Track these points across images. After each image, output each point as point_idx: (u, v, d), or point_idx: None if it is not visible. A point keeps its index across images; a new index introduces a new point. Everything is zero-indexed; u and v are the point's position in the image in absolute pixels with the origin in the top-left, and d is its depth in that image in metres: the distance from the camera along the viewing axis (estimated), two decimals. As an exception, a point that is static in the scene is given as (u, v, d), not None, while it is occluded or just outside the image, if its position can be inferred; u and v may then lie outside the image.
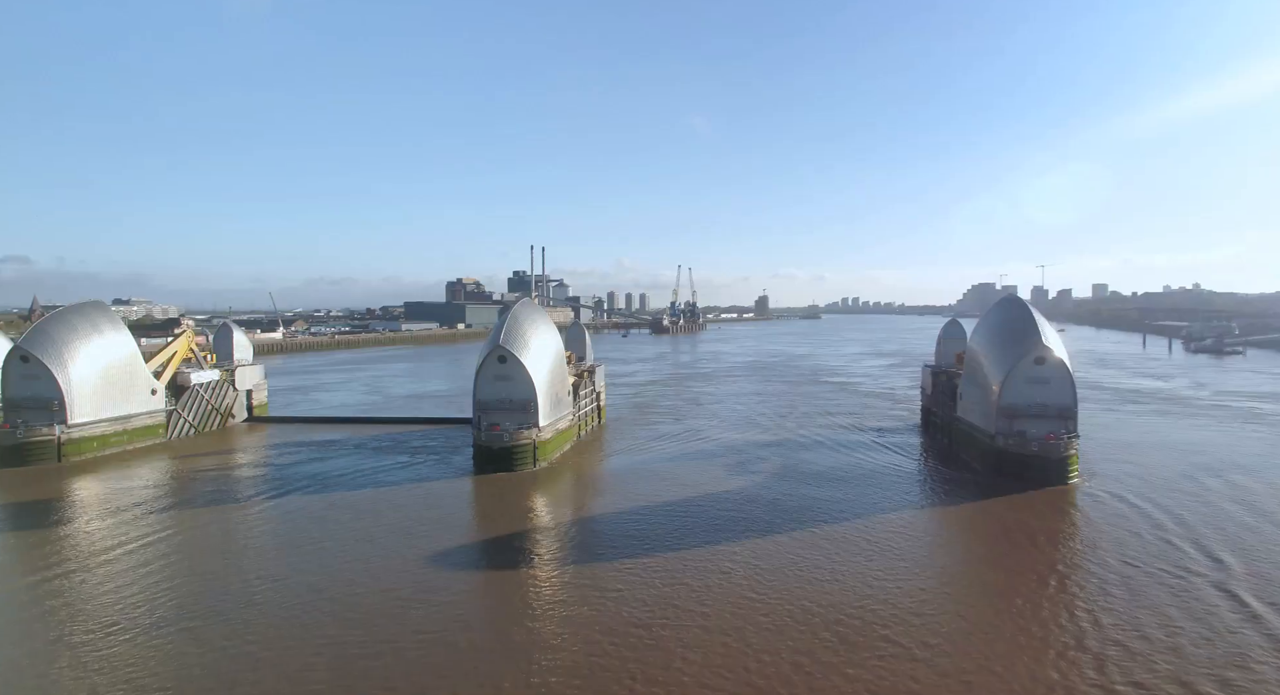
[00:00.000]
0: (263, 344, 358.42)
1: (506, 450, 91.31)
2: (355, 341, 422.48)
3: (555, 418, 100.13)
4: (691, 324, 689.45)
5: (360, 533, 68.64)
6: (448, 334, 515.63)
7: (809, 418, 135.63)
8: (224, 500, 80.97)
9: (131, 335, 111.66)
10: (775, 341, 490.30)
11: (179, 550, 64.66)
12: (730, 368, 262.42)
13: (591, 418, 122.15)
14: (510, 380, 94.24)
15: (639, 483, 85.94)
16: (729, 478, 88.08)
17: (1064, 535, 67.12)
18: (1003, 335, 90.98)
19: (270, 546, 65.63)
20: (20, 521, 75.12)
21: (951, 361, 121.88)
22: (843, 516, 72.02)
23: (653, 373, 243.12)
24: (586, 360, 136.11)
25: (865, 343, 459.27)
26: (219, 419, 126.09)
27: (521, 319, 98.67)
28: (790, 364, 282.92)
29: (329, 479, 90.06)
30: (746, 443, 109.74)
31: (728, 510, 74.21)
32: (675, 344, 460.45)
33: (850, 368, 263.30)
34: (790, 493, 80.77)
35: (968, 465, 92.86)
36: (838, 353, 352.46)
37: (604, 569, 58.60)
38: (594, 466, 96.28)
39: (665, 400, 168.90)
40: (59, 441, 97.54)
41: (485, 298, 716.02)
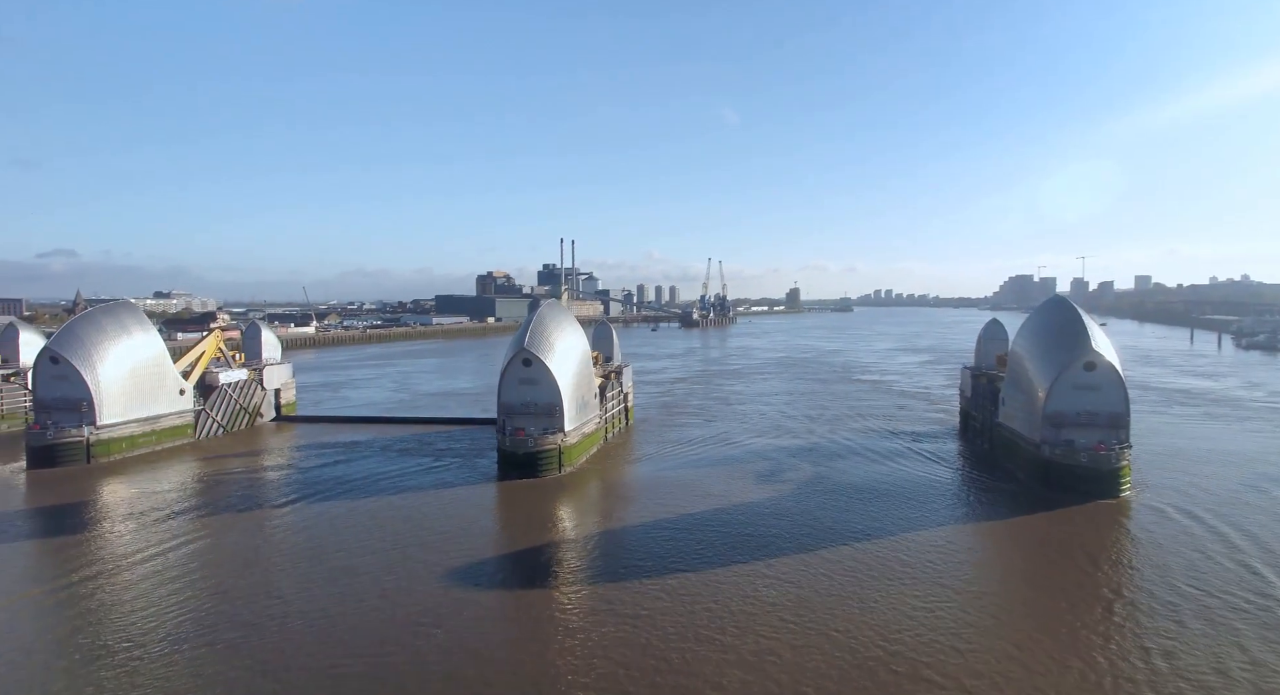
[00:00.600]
0: (296, 338, 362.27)
1: (531, 456, 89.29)
2: (386, 335, 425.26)
3: (581, 421, 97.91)
4: (721, 317, 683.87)
5: (380, 544, 67.08)
6: (477, 328, 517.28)
7: (841, 420, 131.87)
8: (247, 505, 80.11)
9: (160, 335, 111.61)
10: (806, 336, 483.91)
11: (200, 560, 63.63)
12: (760, 364, 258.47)
13: (619, 419, 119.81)
14: (535, 384, 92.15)
15: (666, 493, 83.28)
16: (758, 489, 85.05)
17: (1122, 555, 63.16)
18: (1049, 338, 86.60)
19: (289, 559, 64.21)
20: (49, 525, 74.85)
21: (992, 363, 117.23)
22: (877, 533, 68.69)
23: (681, 369, 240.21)
24: (614, 360, 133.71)
25: (898, 337, 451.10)
26: (247, 418, 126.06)
27: (546, 321, 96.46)
28: (821, 360, 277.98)
29: (353, 483, 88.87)
30: (776, 449, 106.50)
31: (756, 526, 71.22)
32: (705, 338, 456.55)
33: (883, 365, 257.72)
34: (822, 507, 77.36)
35: (1011, 475, 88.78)
36: (870, 348, 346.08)
37: (627, 590, 56.16)
38: (620, 474, 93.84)
39: (694, 399, 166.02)
40: (88, 442, 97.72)
41: (515, 291, 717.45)
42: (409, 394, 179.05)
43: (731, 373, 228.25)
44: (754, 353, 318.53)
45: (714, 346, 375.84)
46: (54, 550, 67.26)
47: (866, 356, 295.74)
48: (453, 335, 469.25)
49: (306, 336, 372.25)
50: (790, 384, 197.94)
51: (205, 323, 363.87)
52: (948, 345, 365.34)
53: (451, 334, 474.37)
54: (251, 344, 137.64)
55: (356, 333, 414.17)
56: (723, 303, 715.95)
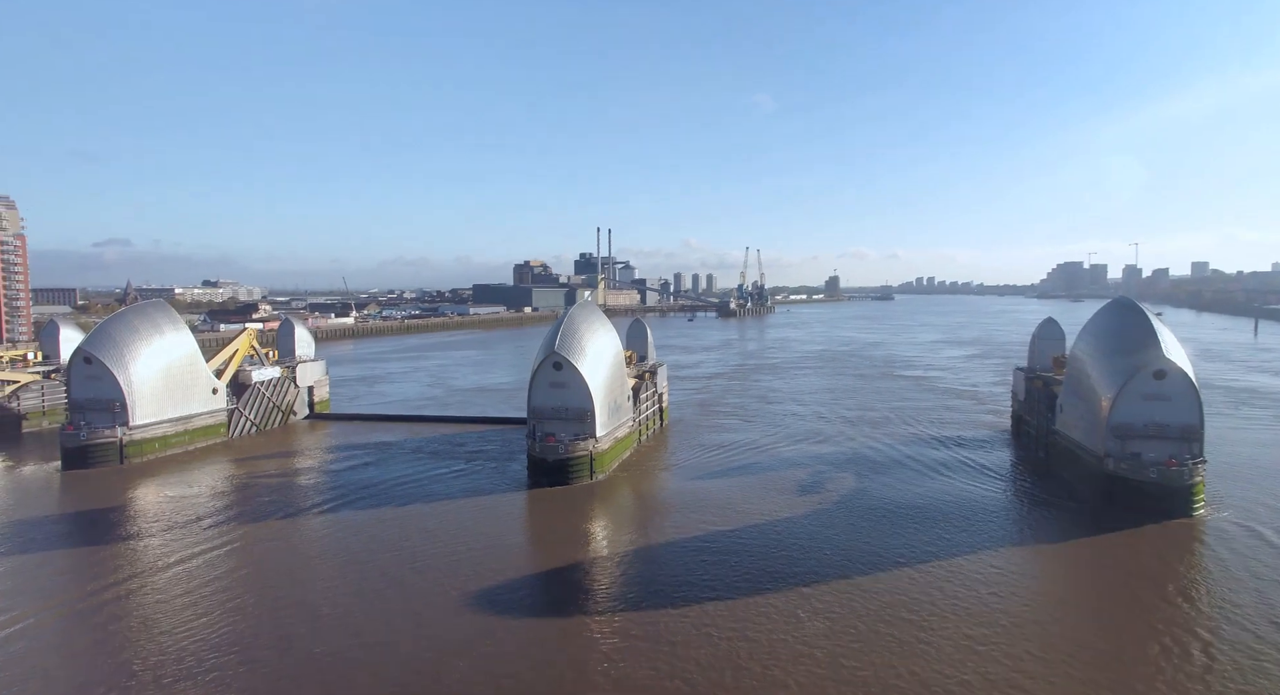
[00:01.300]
0: (335, 329, 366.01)
1: (562, 463, 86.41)
2: (424, 326, 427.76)
3: (614, 425, 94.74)
4: (759, 307, 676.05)
5: (407, 557, 64.81)
6: (514, 318, 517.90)
7: (884, 424, 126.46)
8: (276, 513, 78.49)
9: (192, 334, 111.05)
10: (846, 326, 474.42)
11: (225, 575, 61.97)
12: (799, 358, 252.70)
13: (653, 420, 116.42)
14: (566, 387, 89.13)
15: (700, 507, 79.52)
16: (796, 504, 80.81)
17: (1197, 585, 57.96)
18: (1115, 343, 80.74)
19: (316, 575, 62.22)
20: (82, 531, 74.34)
21: (1047, 364, 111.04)
22: (923, 559, 64.13)
23: (718, 364, 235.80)
24: (649, 358, 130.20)
25: (942, 328, 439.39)
26: (280, 417, 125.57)
27: (578, 322, 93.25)
28: (862, 354, 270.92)
29: (383, 489, 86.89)
30: (815, 458, 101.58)
31: (794, 549, 67.10)
32: (742, 329, 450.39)
33: (927, 359, 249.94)
34: (863, 528, 72.45)
35: (1070, 488, 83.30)
36: (913, 341, 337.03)
37: (660, 617, 52.83)
38: (653, 483, 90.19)
39: (731, 396, 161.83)
40: (121, 443, 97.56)
41: (552, 280, 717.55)
42: (443, 389, 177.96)
43: (769, 368, 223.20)
44: (792, 345, 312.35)
45: (751, 338, 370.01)
46: (85, 558, 66.70)
47: (909, 350, 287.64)
48: (490, 325, 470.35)
49: (345, 327, 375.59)
50: (830, 380, 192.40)
51: (248, 313, 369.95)
52: (994, 337, 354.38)
53: (488, 324, 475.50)
54: (285, 341, 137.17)
55: (395, 323, 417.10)
56: (760, 292, 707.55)
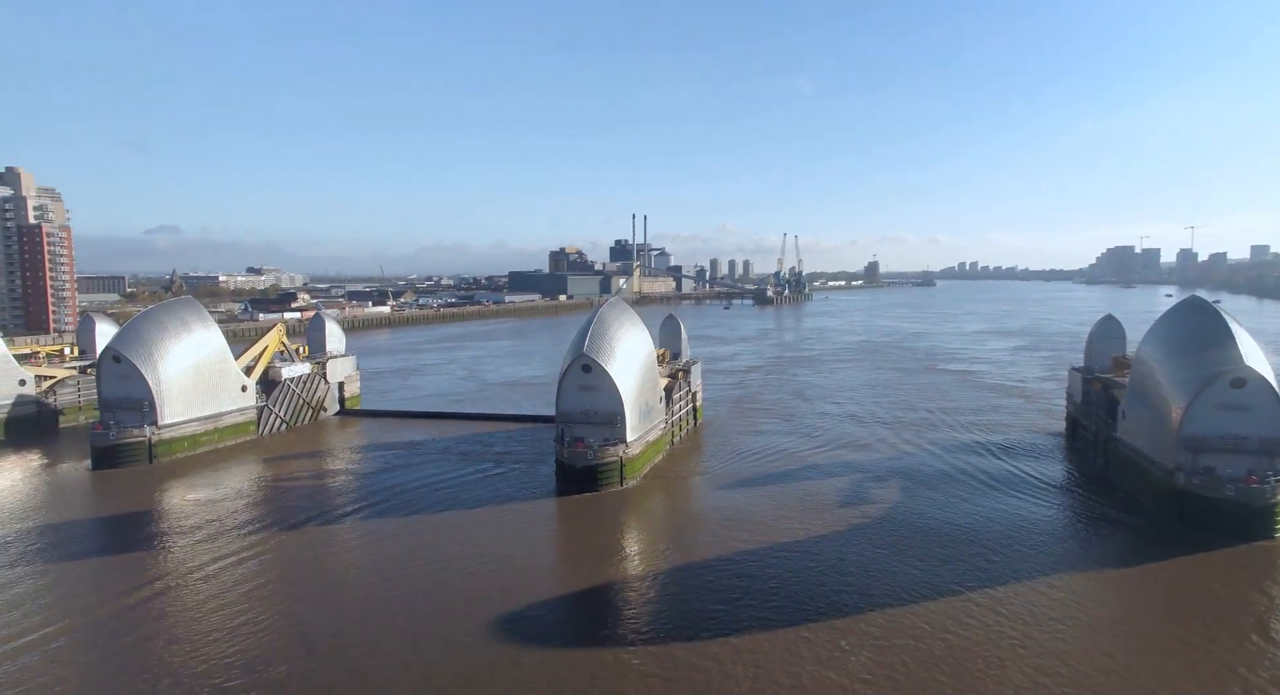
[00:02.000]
0: (371, 318, 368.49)
1: (591, 470, 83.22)
2: (460, 314, 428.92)
3: (645, 429, 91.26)
4: (796, 294, 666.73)
5: (432, 573, 62.23)
6: (549, 306, 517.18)
7: (928, 426, 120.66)
8: (300, 519, 76.41)
9: (220, 331, 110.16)
10: (886, 314, 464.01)
11: (247, 585, 60.09)
12: (837, 350, 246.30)
13: (686, 420, 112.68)
14: (595, 391, 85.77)
15: (734, 520, 75.46)
16: (838, 519, 76.31)
17: (1281, 621, 52.62)
18: (1187, 346, 74.61)
19: (337, 587, 60.01)
20: (111, 536, 73.16)
21: (1106, 365, 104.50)
22: (978, 582, 59.55)
23: (754, 356, 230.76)
24: (682, 356, 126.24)
25: (987, 317, 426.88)
26: (310, 413, 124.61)
27: (608, 322, 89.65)
28: (903, 345, 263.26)
29: (410, 494, 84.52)
30: (856, 466, 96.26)
31: (837, 570, 62.92)
32: (779, 318, 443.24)
33: (972, 351, 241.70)
34: (911, 549, 67.32)
35: (1133, 501, 77.66)
36: (956, 331, 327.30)
37: (692, 649, 49.29)
38: (686, 493, 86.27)
39: (767, 392, 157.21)
40: (150, 442, 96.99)
41: (587, 268, 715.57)
42: (476, 383, 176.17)
43: (807, 360, 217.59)
44: (831, 336, 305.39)
45: (789, 328, 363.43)
46: (109, 564, 65.61)
47: (953, 341, 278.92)
48: (525, 314, 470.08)
49: (382, 316, 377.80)
50: (870, 374, 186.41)
51: (286, 303, 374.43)
52: (1042, 327, 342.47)
53: (524, 313, 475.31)
54: (315, 335, 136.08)
55: (430, 312, 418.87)
56: (798, 279, 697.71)
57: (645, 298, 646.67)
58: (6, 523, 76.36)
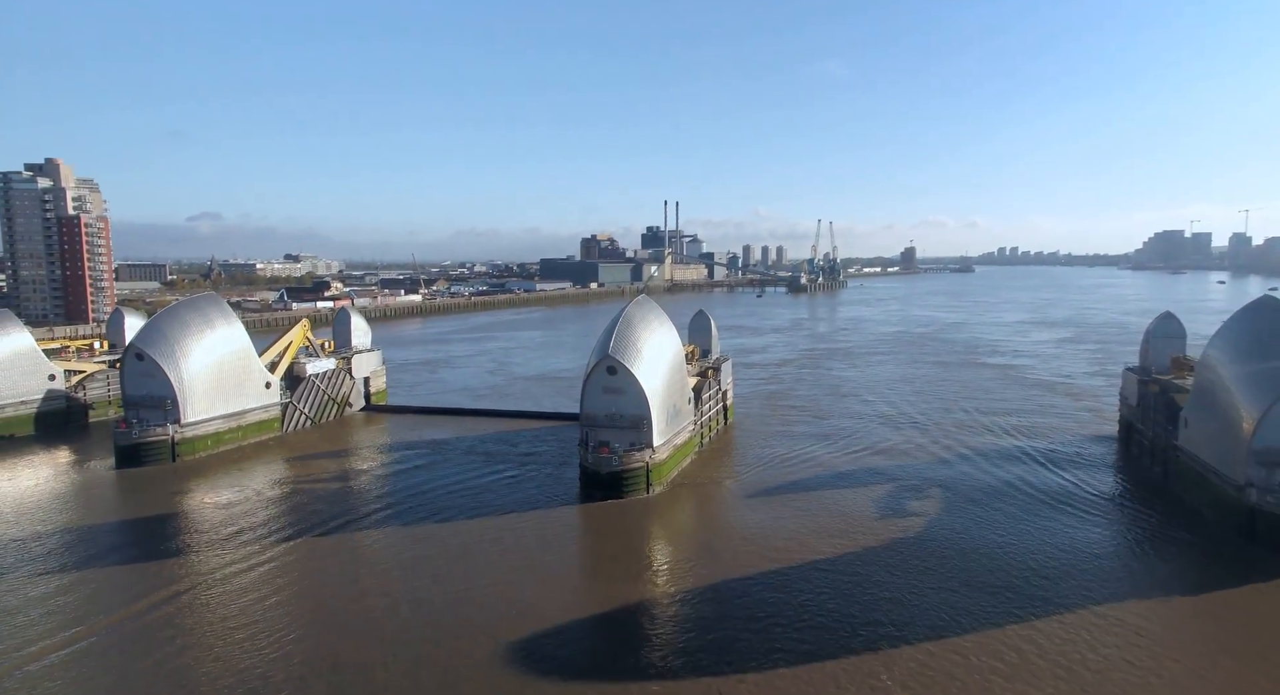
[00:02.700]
0: (403, 307, 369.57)
1: (616, 476, 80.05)
2: (491, 303, 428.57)
3: (672, 433, 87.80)
4: (831, 281, 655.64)
5: (450, 589, 59.57)
6: (580, 294, 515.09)
7: (969, 427, 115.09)
8: (321, 525, 74.27)
9: (244, 328, 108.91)
10: (923, 303, 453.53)
11: (262, 593, 58.52)
12: (873, 342, 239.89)
13: (716, 421, 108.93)
14: (621, 393, 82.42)
15: (766, 534, 71.64)
16: (875, 533, 72.12)
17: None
18: (1261, 351, 68.87)
19: (357, 598, 57.97)
20: (130, 538, 72.23)
21: (1164, 365, 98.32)
22: (1029, 609, 55.30)
23: (787, 348, 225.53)
24: (713, 353, 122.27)
25: (1028, 306, 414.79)
26: (336, 409, 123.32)
27: (634, 322, 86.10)
28: (941, 336, 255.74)
29: (432, 498, 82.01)
30: (894, 473, 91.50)
31: (875, 590, 59.04)
32: (813, 307, 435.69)
33: (1013, 343, 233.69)
34: (954, 573, 63.14)
35: (1196, 517, 72.35)
36: (997, 321, 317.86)
37: (723, 685, 45.95)
38: (715, 503, 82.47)
39: (801, 388, 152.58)
40: (173, 441, 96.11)
41: (619, 255, 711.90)
42: (503, 376, 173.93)
43: (842, 353, 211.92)
44: (866, 326, 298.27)
45: (822, 318, 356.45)
46: (130, 570, 64.77)
47: (993, 331, 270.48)
48: (555, 302, 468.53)
49: (413, 305, 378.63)
50: (907, 368, 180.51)
51: (320, 292, 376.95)
52: (1088, 317, 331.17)
53: (554, 301, 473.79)
54: (341, 330, 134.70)
55: (462, 300, 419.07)
56: (832, 266, 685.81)
57: (676, 285, 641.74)
58: (30, 524, 75.69)
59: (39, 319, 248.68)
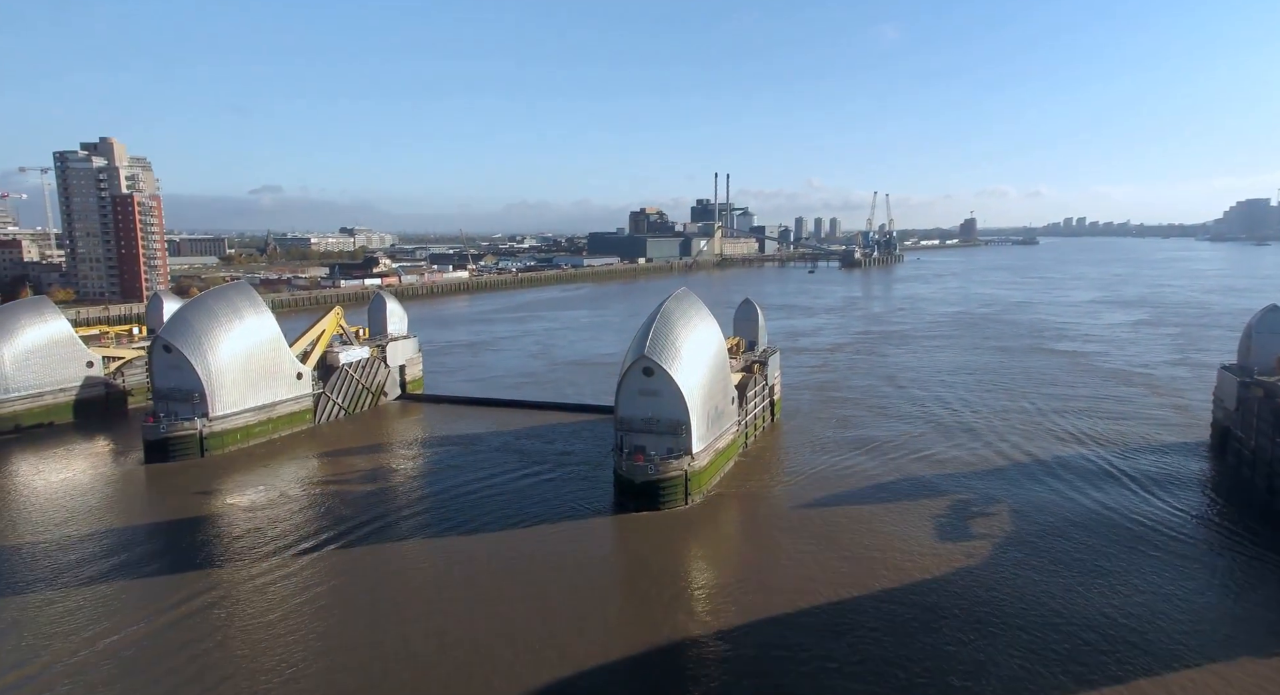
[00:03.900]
0: (450, 284, 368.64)
1: (651, 485, 74.43)
2: (538, 279, 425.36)
3: (713, 437, 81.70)
4: (886, 255, 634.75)
5: (472, 618, 55.15)
6: (628, 270, 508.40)
7: (1038, 430, 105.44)
8: (349, 533, 70.40)
9: (274, 317, 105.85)
10: (984, 279, 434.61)
11: (277, 613, 55.11)
12: (931, 324, 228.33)
13: (762, 419, 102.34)
14: (657, 396, 76.50)
15: (819, 553, 65.61)
16: (939, 558, 65.19)
17: None
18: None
19: (367, 627, 54.05)
20: (157, 542, 69.81)
21: (1269, 365, 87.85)
22: (1119, 661, 48.08)
23: (839, 331, 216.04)
24: (759, 345, 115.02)
25: (1098, 283, 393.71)
26: (370, 399, 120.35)
27: (673, 318, 79.72)
28: (1004, 318, 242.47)
29: (463, 506, 77.13)
30: (958, 482, 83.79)
31: (943, 632, 52.54)
32: (867, 284, 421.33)
33: (1084, 326, 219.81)
34: (1027, 623, 56.01)
35: (1312, 549, 63.37)
36: (1065, 300, 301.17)
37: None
38: (761, 515, 76.01)
39: (854, 378, 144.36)
40: (201, 435, 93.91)
41: (667, 229, 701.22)
42: (545, 361, 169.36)
43: (898, 337, 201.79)
44: (923, 306, 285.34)
45: (877, 296, 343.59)
46: (152, 578, 62.84)
47: (1061, 312, 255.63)
48: (602, 278, 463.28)
49: (460, 282, 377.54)
50: (968, 355, 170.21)
51: (369, 268, 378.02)
52: (1165, 295, 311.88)
53: (601, 277, 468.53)
54: (376, 316, 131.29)
55: (509, 277, 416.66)
56: (888, 239, 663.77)
57: (726, 260, 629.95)
58: (57, 526, 73.98)
59: (96, 296, 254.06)
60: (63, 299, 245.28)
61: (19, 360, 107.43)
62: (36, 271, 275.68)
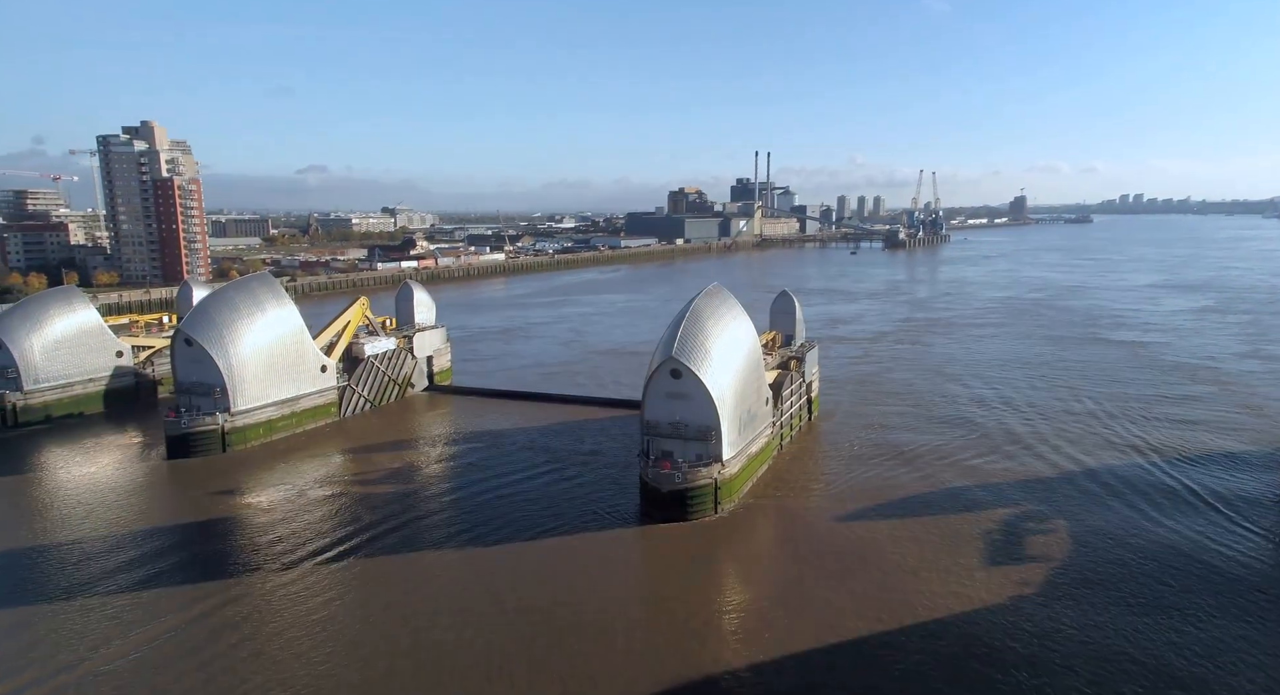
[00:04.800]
0: (487, 266, 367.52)
1: (679, 495, 70.33)
2: (575, 261, 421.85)
3: (746, 441, 77.17)
4: (932, 235, 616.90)
5: (491, 644, 51.97)
6: (665, 251, 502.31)
7: (1095, 435, 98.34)
8: (370, 543, 67.72)
9: (297, 309, 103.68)
10: (1035, 261, 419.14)
11: (287, 633, 52.62)
12: (978, 311, 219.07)
13: (798, 418, 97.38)
14: (686, 399, 72.16)
15: (859, 572, 61.21)
16: (992, 582, 60.17)
17: None
18: None
19: (400, 631, 52.20)
20: (169, 549, 67.63)
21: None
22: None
23: (881, 318, 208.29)
24: (796, 339, 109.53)
25: (1158, 265, 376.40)
26: (397, 391, 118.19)
27: (704, 316, 74.99)
28: (1057, 303, 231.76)
29: (488, 513, 73.80)
30: (1009, 493, 78.18)
31: (999, 667, 47.74)
32: (911, 266, 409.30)
33: (1143, 313, 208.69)
34: (1100, 647, 51.53)
35: None
36: (1122, 284, 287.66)
37: None
38: (797, 526, 71.37)
39: (898, 370, 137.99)
40: (223, 430, 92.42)
41: (706, 209, 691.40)
42: (578, 349, 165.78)
43: (943, 325, 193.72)
44: (970, 290, 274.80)
45: (921, 279, 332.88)
46: (170, 585, 61.21)
47: (1118, 298, 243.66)
48: (640, 260, 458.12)
49: (497, 264, 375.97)
50: (1018, 345, 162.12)
51: (406, 250, 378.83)
52: (1231, 279, 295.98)
53: (639, 258, 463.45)
54: (404, 306, 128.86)
55: (546, 259, 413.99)
56: (934, 218, 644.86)
57: (766, 241, 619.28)
58: (75, 526, 73.23)
59: (139, 279, 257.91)
60: (106, 282, 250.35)
61: (48, 351, 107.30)
62: (83, 255, 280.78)
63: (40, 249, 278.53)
